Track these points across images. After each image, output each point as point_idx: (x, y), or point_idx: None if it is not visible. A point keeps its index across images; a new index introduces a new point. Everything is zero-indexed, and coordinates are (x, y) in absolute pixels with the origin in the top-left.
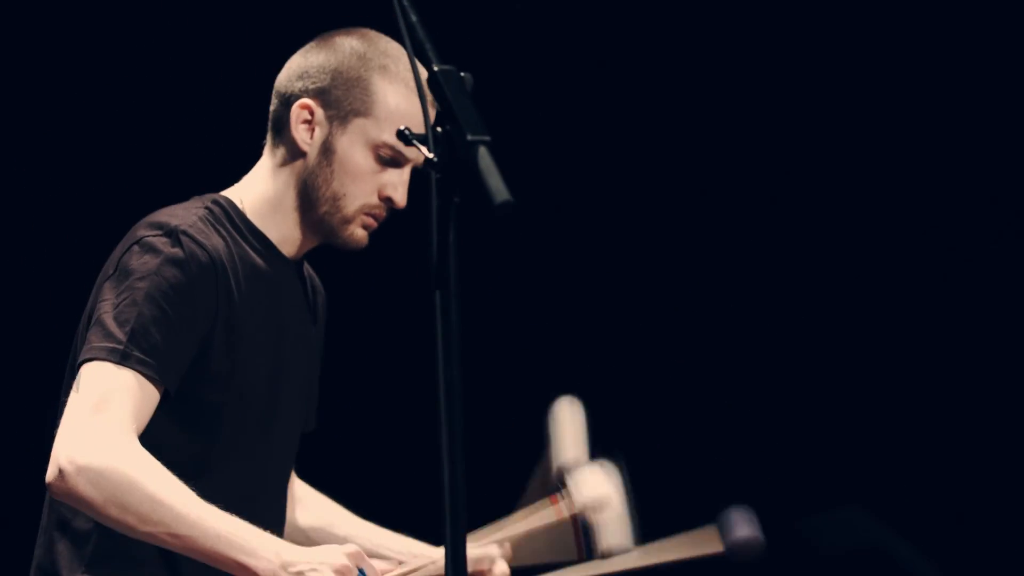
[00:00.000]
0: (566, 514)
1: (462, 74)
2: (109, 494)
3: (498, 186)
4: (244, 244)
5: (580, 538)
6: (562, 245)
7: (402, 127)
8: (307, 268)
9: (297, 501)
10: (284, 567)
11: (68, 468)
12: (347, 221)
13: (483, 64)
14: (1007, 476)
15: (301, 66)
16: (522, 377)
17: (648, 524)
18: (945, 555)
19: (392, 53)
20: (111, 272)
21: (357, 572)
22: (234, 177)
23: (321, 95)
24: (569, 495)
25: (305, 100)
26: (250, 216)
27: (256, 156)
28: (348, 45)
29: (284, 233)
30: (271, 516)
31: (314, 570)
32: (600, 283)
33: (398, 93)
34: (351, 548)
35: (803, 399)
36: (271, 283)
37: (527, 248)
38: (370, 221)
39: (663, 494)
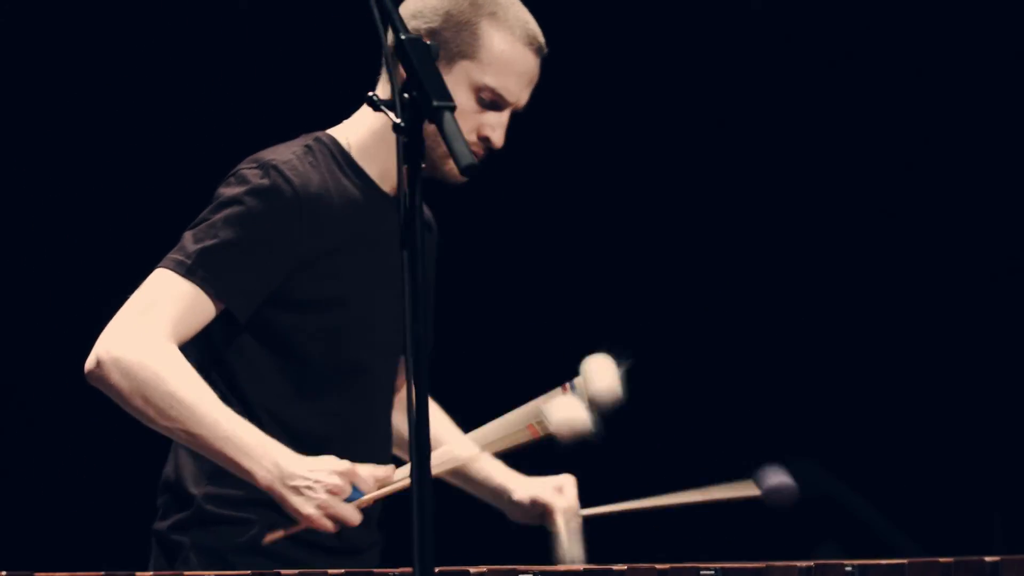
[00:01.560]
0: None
1: (428, 43)
2: (135, 386)
3: (462, 150)
4: (344, 179)
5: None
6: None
7: (492, 82)
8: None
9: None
10: (281, 479)
11: (104, 358)
12: (445, 156)
13: None
14: (949, 435)
15: (417, 5)
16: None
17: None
18: (891, 506)
19: (504, 2)
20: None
21: (350, 488)
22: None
23: (432, 35)
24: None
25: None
26: (354, 152)
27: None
28: None
29: (385, 168)
30: (377, 436)
31: (309, 488)
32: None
33: (504, 40)
34: (344, 466)
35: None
36: (370, 217)
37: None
38: None
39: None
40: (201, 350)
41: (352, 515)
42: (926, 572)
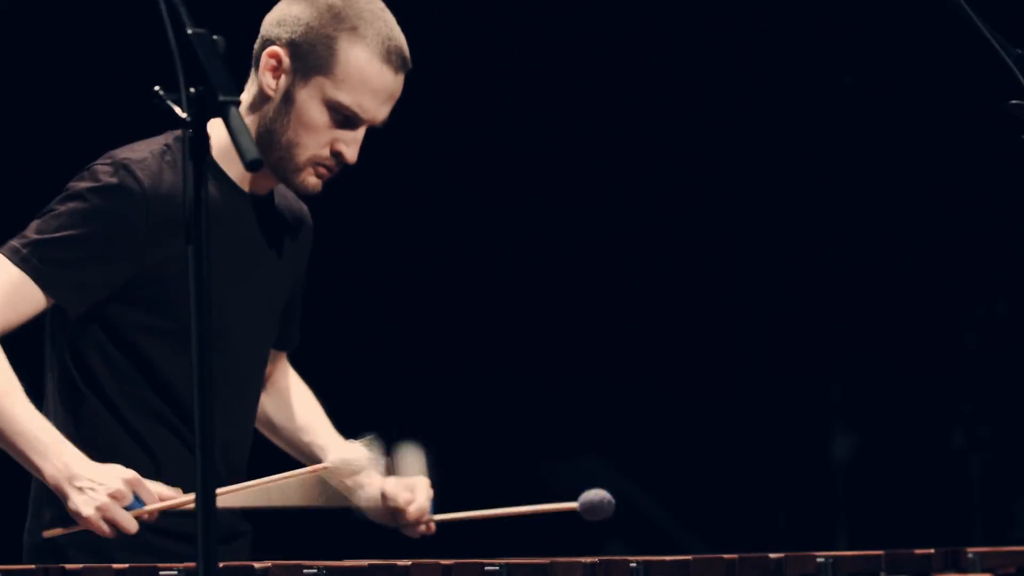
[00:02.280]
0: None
1: (215, 37)
2: None
3: (247, 145)
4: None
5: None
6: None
7: (346, 99)
8: (286, 199)
9: (276, 395)
10: (69, 479)
11: None
12: (298, 169)
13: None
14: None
15: (283, 13)
16: None
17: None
18: (676, 503)
19: (367, 16)
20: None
21: (132, 497)
22: None
23: (291, 46)
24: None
25: (276, 48)
26: (214, 151)
27: None
28: (327, 1)
29: (243, 171)
30: (236, 432)
31: (92, 489)
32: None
33: (360, 57)
34: (130, 475)
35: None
36: (228, 217)
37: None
38: (322, 171)
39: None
40: (52, 341)
41: (129, 523)
42: (710, 569)
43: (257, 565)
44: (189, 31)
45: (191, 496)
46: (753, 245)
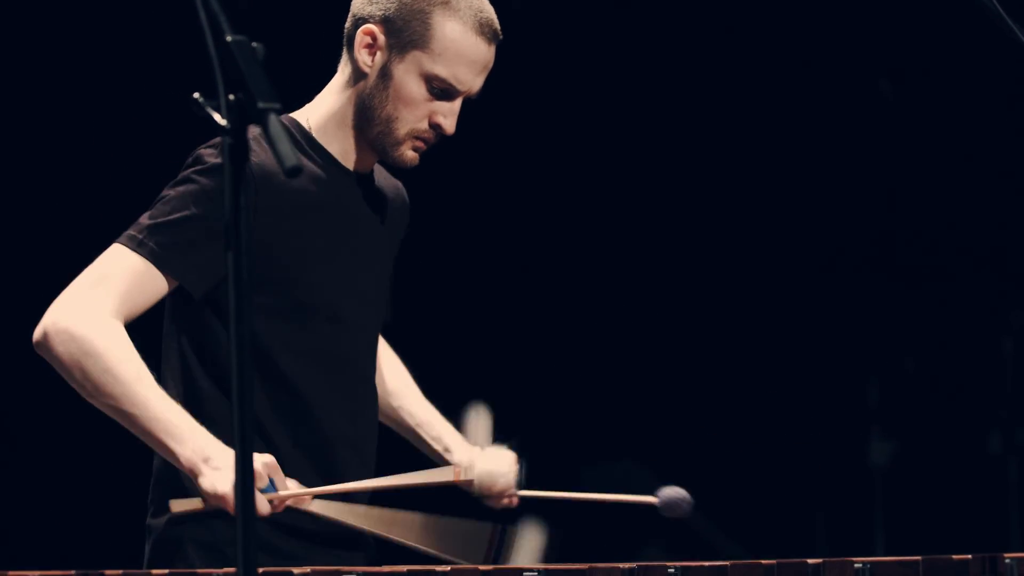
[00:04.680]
0: (461, 478)
1: (254, 44)
2: (75, 359)
3: (287, 151)
4: (304, 159)
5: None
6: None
7: (442, 72)
8: (385, 177)
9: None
10: (205, 460)
11: (49, 329)
12: (398, 143)
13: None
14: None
15: None
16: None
17: None
18: (716, 508)
19: None
20: None
21: (268, 480)
22: None
23: (386, 22)
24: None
25: (370, 26)
26: (315, 132)
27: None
28: None
29: (345, 148)
30: (363, 425)
31: (230, 468)
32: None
33: (455, 29)
34: (268, 458)
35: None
36: (333, 192)
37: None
38: (419, 144)
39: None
40: (171, 322)
41: (262, 504)
42: (749, 574)
43: (296, 571)
44: (228, 38)
45: (322, 489)
46: (792, 249)
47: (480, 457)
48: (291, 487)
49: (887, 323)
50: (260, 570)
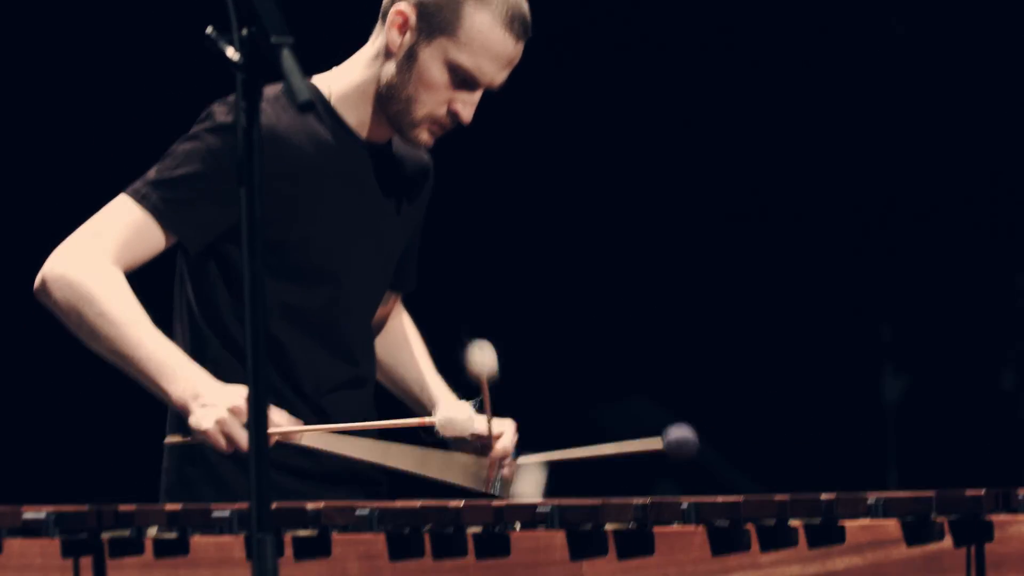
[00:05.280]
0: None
1: None
2: (72, 305)
3: (300, 86)
4: (318, 124)
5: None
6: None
7: (467, 62)
8: (407, 149)
9: (386, 335)
10: (194, 396)
11: (48, 275)
12: (414, 124)
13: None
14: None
15: None
16: None
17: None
18: (729, 444)
19: None
20: None
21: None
22: None
23: (419, 5)
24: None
25: (404, 6)
26: (334, 100)
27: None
28: None
29: (362, 118)
30: (363, 369)
31: (213, 404)
32: None
33: (484, 22)
34: None
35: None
36: (343, 160)
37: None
38: (435, 128)
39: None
40: (179, 272)
41: (244, 440)
42: (762, 509)
43: (309, 506)
44: None
45: (312, 427)
46: (808, 186)
47: (444, 405)
48: (282, 423)
49: (899, 258)
50: (273, 505)
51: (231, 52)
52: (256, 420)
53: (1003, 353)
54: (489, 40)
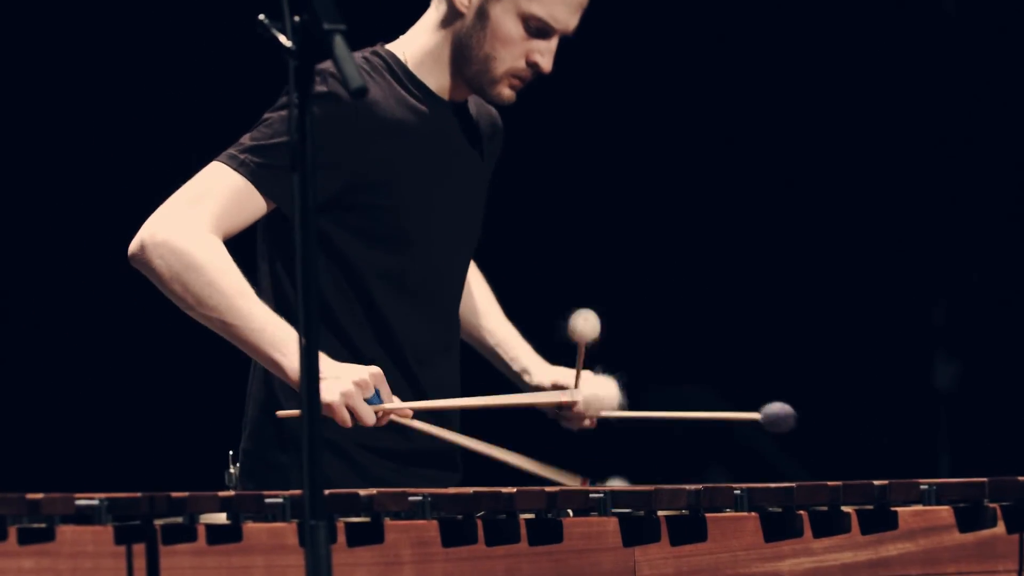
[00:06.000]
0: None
1: None
2: (176, 271)
3: (352, 73)
4: (402, 90)
5: None
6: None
7: (539, 11)
8: (479, 107)
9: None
10: None
11: (148, 241)
12: (495, 81)
13: None
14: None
15: None
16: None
17: None
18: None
19: None
20: None
21: (374, 390)
22: None
23: None
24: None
25: None
26: (411, 66)
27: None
28: None
29: (442, 83)
30: (452, 336)
31: (337, 378)
32: None
33: None
34: (375, 370)
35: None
36: (429, 123)
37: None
38: (516, 82)
39: None
40: (264, 243)
41: (368, 415)
42: (815, 496)
43: (362, 493)
44: None
45: (433, 404)
46: (852, 169)
47: (586, 381)
48: (395, 401)
49: (952, 243)
50: (326, 492)
51: (284, 39)
52: (310, 405)
53: None
54: None
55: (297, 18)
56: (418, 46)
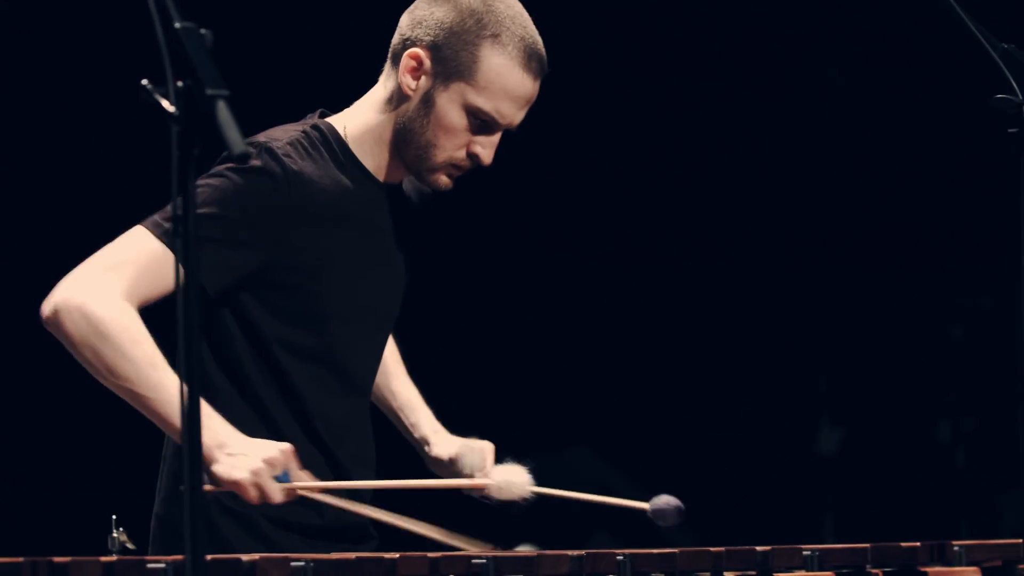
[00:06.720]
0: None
1: (202, 31)
2: (87, 338)
3: (235, 138)
4: (337, 169)
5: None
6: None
7: (486, 105)
8: (411, 184)
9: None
10: (219, 446)
11: (61, 305)
12: (434, 169)
13: None
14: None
15: (424, 14)
16: None
17: None
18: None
19: (508, 23)
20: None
21: (283, 468)
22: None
23: (433, 49)
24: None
25: (417, 50)
26: (350, 142)
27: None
28: (469, 5)
29: (379, 163)
30: (358, 417)
31: (246, 455)
32: None
33: (502, 64)
34: (286, 447)
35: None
36: (362, 207)
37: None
38: (454, 172)
39: None
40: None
41: (276, 493)
42: (697, 561)
43: (244, 558)
44: (176, 25)
45: (340, 484)
46: (742, 240)
47: (496, 469)
48: (303, 478)
49: (835, 311)
50: (208, 557)
51: (167, 104)
52: (191, 470)
53: (938, 404)
54: (508, 82)
55: (180, 83)
56: (360, 123)
